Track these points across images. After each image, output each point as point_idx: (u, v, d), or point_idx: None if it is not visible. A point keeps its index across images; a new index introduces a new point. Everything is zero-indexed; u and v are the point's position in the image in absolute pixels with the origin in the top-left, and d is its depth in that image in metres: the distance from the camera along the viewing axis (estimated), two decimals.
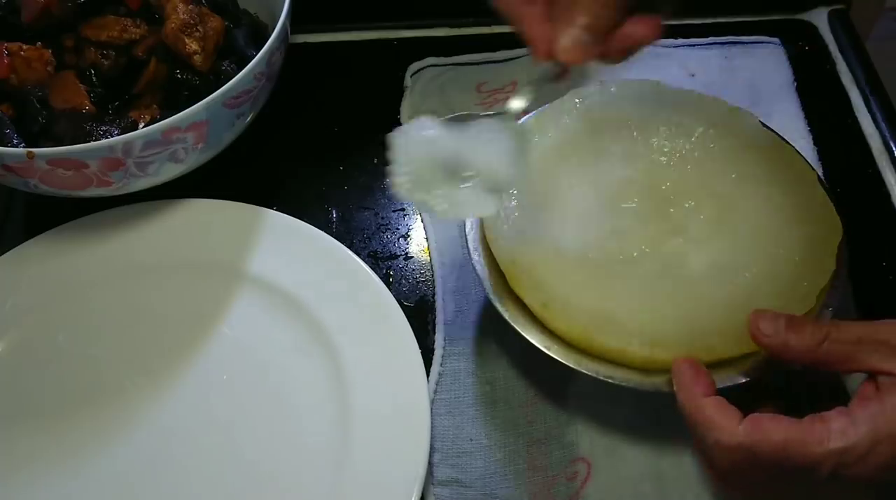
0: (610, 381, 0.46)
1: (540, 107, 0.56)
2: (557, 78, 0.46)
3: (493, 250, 0.50)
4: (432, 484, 0.50)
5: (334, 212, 0.63)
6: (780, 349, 0.42)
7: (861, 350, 0.40)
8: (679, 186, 0.52)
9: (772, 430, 0.39)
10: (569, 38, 0.43)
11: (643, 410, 0.51)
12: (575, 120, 0.55)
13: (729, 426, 0.40)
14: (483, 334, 0.56)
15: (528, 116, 0.57)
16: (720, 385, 0.44)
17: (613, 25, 0.43)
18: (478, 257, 0.51)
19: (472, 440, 0.52)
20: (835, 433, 0.38)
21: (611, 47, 0.44)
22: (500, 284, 0.50)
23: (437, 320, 0.57)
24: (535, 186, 0.52)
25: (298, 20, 0.63)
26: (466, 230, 0.52)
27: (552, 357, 0.47)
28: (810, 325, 0.42)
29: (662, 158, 0.54)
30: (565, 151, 0.54)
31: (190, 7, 0.59)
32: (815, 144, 0.64)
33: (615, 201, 0.53)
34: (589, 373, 0.46)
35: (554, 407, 0.52)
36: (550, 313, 0.47)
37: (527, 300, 0.48)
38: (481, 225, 0.52)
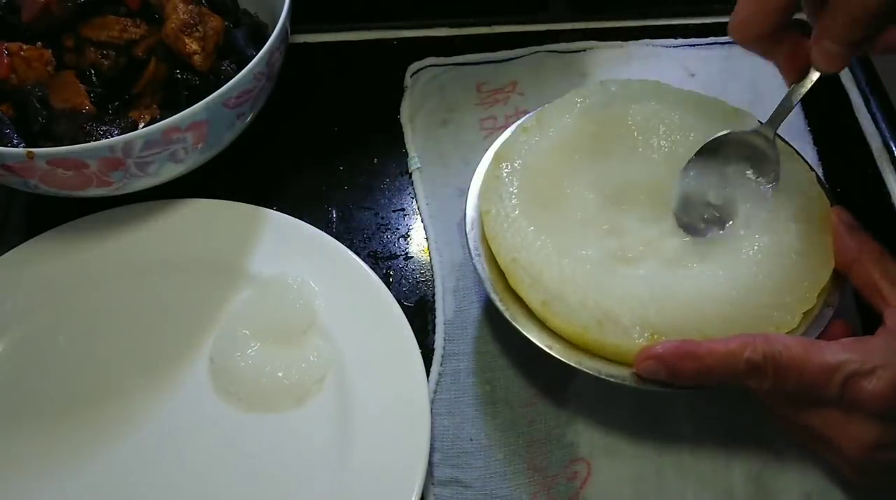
0: (611, 380, 0.46)
1: (541, 106, 0.57)
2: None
3: (493, 248, 0.50)
4: (432, 484, 0.50)
5: (334, 212, 0.63)
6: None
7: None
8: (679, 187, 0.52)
9: (804, 341, 0.43)
10: (822, 53, 0.45)
11: (643, 410, 0.51)
12: (576, 120, 0.55)
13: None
14: (483, 334, 0.56)
15: (528, 115, 0.57)
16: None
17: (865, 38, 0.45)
18: (478, 256, 0.51)
19: (472, 440, 0.52)
20: (851, 347, 0.42)
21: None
22: (500, 282, 0.50)
23: (437, 320, 0.57)
24: (536, 185, 0.53)
25: (298, 20, 0.63)
26: (467, 229, 0.52)
27: (553, 356, 0.47)
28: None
29: (663, 158, 0.54)
30: (566, 151, 0.54)
31: (190, 7, 0.59)
32: (815, 144, 0.64)
33: (615, 201, 0.53)
34: (590, 372, 0.46)
35: (554, 407, 0.52)
36: (550, 311, 0.47)
37: (527, 298, 0.48)
38: (482, 224, 0.52)
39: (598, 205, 0.53)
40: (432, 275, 0.59)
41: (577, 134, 0.55)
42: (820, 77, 0.48)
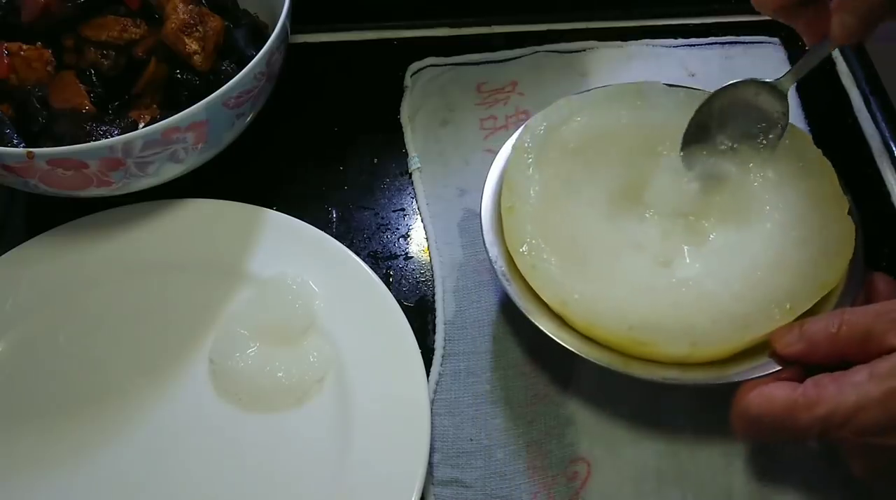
0: (661, 380, 0.46)
1: (541, 106, 0.57)
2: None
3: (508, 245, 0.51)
4: (432, 484, 0.50)
5: (334, 212, 0.63)
6: (807, 351, 0.43)
7: (876, 328, 0.41)
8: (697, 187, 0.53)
9: (776, 397, 0.41)
10: (839, 24, 0.46)
11: (643, 410, 0.51)
12: (580, 121, 0.55)
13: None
14: (483, 334, 0.56)
15: (532, 117, 0.57)
16: (753, 375, 0.45)
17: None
18: (492, 245, 0.52)
19: (472, 440, 0.52)
20: (822, 398, 0.40)
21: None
22: (510, 268, 0.51)
23: (437, 320, 0.57)
24: (545, 187, 0.53)
25: (298, 20, 0.63)
26: (483, 229, 0.53)
27: (562, 345, 0.48)
28: (824, 317, 0.43)
29: (667, 158, 0.54)
30: (571, 153, 0.54)
31: (190, 7, 0.59)
32: (814, 144, 0.64)
33: (623, 201, 0.53)
34: (600, 363, 0.47)
35: (554, 407, 0.52)
36: (569, 308, 0.48)
37: (545, 297, 0.49)
38: (498, 219, 0.52)
39: (606, 206, 0.53)
40: (432, 275, 0.59)
41: (581, 135, 0.55)
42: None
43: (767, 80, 0.52)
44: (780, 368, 0.45)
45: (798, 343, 0.44)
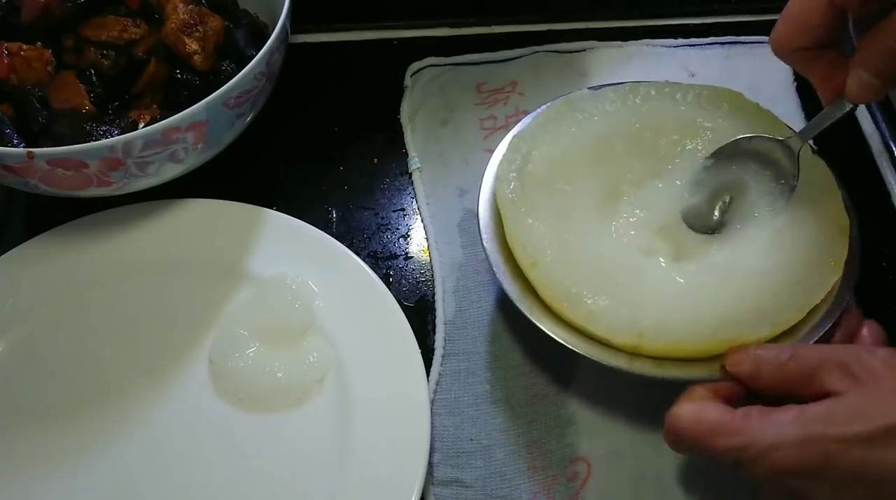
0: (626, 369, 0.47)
1: (541, 107, 0.57)
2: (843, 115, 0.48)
3: (509, 239, 0.51)
4: (432, 484, 0.50)
5: (334, 212, 0.63)
6: (752, 375, 0.44)
7: (822, 370, 0.41)
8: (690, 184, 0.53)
9: (703, 417, 0.41)
10: (856, 82, 0.44)
11: (643, 410, 0.51)
12: (583, 121, 0.55)
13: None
14: (483, 334, 0.56)
15: (531, 115, 0.57)
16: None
17: None
18: (489, 239, 0.52)
19: (472, 440, 0.52)
20: (744, 429, 0.40)
21: None
22: (509, 266, 0.51)
23: (437, 320, 0.57)
24: (548, 187, 0.53)
25: (298, 20, 0.63)
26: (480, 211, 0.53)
27: (563, 344, 0.48)
28: (778, 346, 0.44)
29: (670, 157, 0.54)
30: (574, 153, 0.54)
31: (190, 7, 0.59)
32: (814, 144, 0.64)
33: (625, 200, 0.53)
34: (601, 361, 0.47)
35: (554, 407, 0.52)
36: (578, 308, 0.48)
37: (544, 296, 0.49)
38: (496, 216, 0.52)
39: (607, 205, 0.53)
40: (432, 275, 0.59)
41: (585, 135, 0.55)
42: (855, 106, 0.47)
43: (780, 138, 0.51)
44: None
45: (746, 365, 0.44)
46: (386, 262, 0.61)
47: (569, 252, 0.50)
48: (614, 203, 0.53)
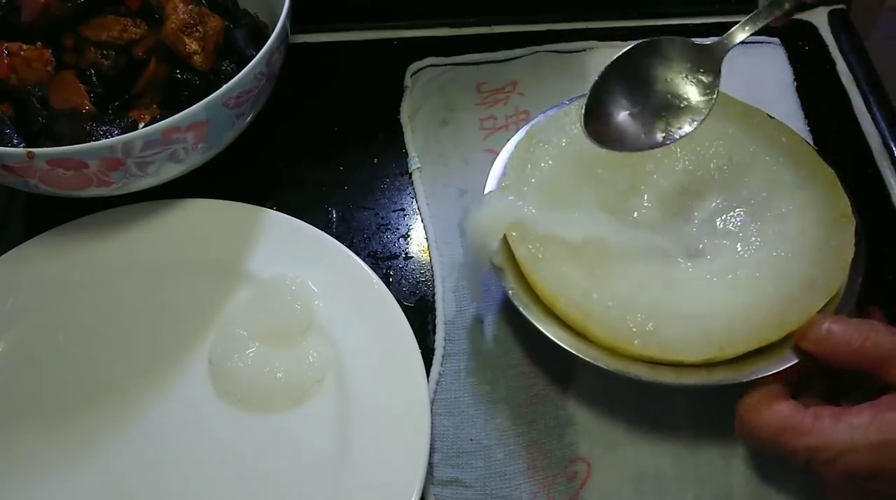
0: (659, 381, 0.47)
1: (547, 111, 0.57)
2: None
3: (511, 245, 0.51)
4: (432, 484, 0.50)
5: (334, 212, 0.63)
6: (826, 354, 0.44)
7: (892, 359, 0.41)
8: (698, 185, 0.53)
9: (776, 413, 0.42)
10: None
11: (643, 410, 0.51)
12: (552, 149, 0.55)
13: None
14: (483, 334, 0.56)
15: (536, 119, 0.57)
16: (763, 374, 0.45)
17: None
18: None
19: (472, 440, 0.52)
20: (816, 430, 0.40)
21: None
22: (513, 271, 0.50)
23: (437, 320, 0.57)
24: (554, 187, 0.53)
25: (298, 20, 0.63)
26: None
27: (567, 350, 0.48)
28: (851, 325, 0.44)
29: (677, 157, 0.54)
30: (578, 153, 0.54)
31: (190, 7, 0.59)
32: (815, 144, 0.64)
33: (633, 201, 0.53)
34: (599, 364, 0.47)
35: (554, 407, 0.52)
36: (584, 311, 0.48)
37: (544, 297, 0.49)
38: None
39: (615, 206, 0.53)
40: (432, 275, 0.59)
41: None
42: None
43: (706, 42, 0.50)
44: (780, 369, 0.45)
45: (821, 345, 0.44)
46: (386, 262, 0.61)
47: (613, 292, 0.49)
48: (623, 208, 0.54)
